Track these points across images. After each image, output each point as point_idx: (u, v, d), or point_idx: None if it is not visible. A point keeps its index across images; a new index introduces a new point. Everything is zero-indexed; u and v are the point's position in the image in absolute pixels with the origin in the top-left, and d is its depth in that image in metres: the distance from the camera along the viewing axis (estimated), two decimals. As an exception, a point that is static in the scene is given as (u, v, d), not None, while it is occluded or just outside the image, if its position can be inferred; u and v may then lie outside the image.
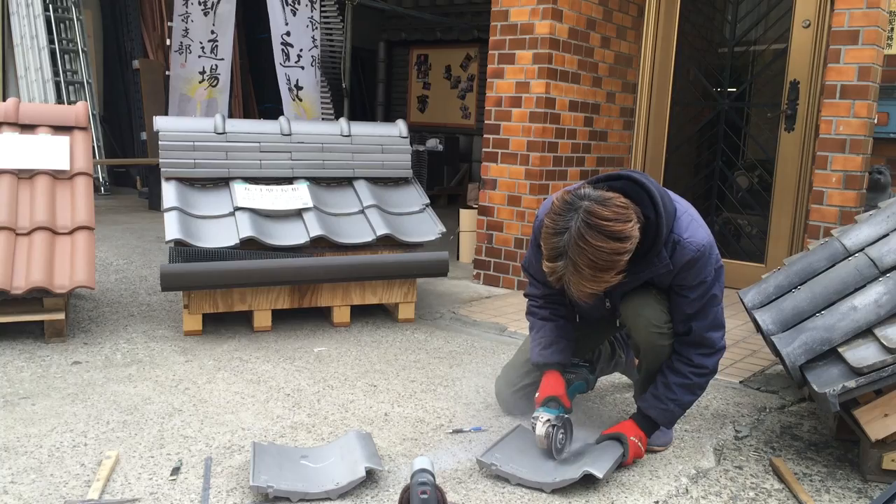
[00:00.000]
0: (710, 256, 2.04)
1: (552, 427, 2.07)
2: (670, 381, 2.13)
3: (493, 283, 4.48)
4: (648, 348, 2.15)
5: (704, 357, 2.13)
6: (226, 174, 3.46)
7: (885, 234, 2.37)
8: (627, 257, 1.85)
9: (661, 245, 1.96)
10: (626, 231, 1.82)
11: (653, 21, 4.83)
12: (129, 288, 3.97)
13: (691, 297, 2.06)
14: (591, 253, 1.80)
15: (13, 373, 2.65)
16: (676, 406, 2.15)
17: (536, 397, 2.21)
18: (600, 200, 1.83)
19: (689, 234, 2.00)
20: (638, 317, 2.12)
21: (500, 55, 4.35)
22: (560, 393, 2.19)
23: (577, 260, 1.81)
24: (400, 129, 3.89)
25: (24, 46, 7.22)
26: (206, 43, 7.01)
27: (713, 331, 2.12)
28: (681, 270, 2.02)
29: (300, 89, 6.71)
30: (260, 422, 2.33)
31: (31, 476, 1.91)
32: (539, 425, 2.09)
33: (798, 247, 4.27)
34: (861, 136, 3.58)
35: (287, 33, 6.58)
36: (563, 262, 1.84)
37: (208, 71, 7.05)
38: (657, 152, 4.91)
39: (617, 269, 1.85)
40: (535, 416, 2.12)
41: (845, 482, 2.11)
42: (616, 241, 1.81)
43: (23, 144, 3.25)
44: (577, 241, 1.81)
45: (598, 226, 1.80)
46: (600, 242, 1.80)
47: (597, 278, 1.84)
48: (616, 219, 1.81)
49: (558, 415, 2.11)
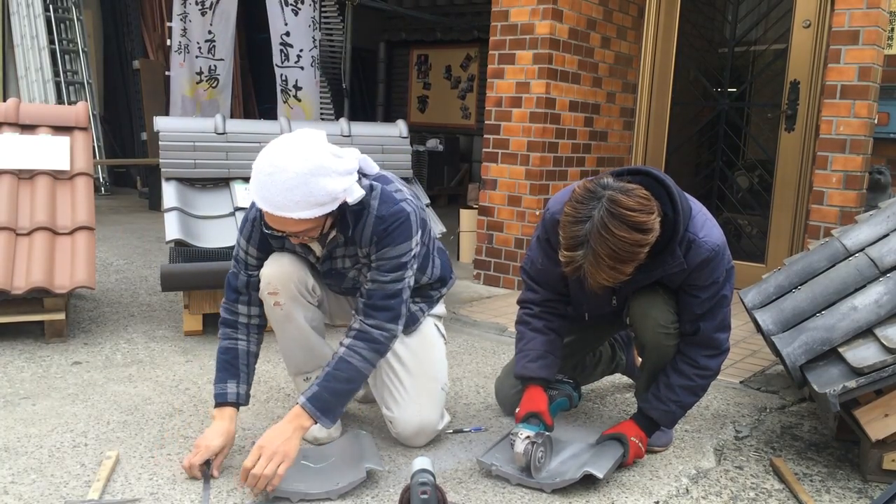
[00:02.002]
0: (724, 257, 2.03)
1: (531, 444, 1.98)
2: (672, 383, 2.12)
3: (494, 283, 4.48)
4: (654, 348, 2.14)
5: (709, 359, 2.12)
6: (226, 174, 3.46)
7: (885, 234, 2.36)
8: (647, 250, 1.82)
9: (676, 243, 1.94)
10: (650, 223, 1.79)
11: (653, 21, 4.83)
12: (129, 288, 3.97)
13: (702, 297, 2.04)
14: (614, 243, 1.76)
15: (14, 373, 2.65)
16: (678, 407, 2.14)
17: (517, 413, 2.12)
18: (624, 190, 1.80)
19: (704, 233, 1.98)
20: (645, 316, 2.11)
21: (501, 55, 4.35)
22: (542, 409, 2.10)
23: (599, 249, 1.77)
24: (400, 129, 3.89)
25: (25, 47, 7.22)
26: (202, 43, 6.99)
27: (720, 332, 2.11)
28: (694, 270, 2.00)
29: (299, 89, 6.70)
30: (260, 422, 2.33)
31: (31, 476, 1.91)
32: (518, 442, 2.00)
33: (798, 247, 4.27)
34: (861, 137, 3.58)
35: (286, 33, 6.56)
36: (584, 252, 1.79)
37: (206, 71, 7.03)
38: (657, 152, 4.91)
39: (636, 262, 1.82)
40: (514, 433, 2.04)
41: (846, 482, 2.11)
42: (639, 232, 1.77)
43: (23, 145, 3.25)
44: (599, 231, 1.76)
45: (622, 215, 1.76)
46: (623, 233, 1.76)
47: (615, 269, 1.80)
48: (640, 209, 1.78)
49: (539, 431, 2.03)
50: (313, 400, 1.91)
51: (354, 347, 1.97)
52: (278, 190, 1.77)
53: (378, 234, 1.97)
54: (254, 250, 2.09)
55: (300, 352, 2.19)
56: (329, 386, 1.93)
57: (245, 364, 2.07)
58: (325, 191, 1.80)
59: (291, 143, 1.82)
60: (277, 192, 1.77)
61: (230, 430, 1.99)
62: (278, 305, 2.08)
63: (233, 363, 2.06)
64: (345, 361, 1.95)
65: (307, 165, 1.78)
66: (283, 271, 2.06)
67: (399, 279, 2.00)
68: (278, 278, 2.06)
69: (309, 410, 1.90)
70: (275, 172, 1.77)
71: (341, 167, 1.84)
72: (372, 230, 1.97)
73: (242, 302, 2.11)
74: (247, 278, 2.10)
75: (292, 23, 6.56)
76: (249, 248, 2.09)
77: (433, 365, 2.23)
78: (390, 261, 1.98)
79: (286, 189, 1.77)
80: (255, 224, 2.07)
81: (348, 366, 1.95)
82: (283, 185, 1.76)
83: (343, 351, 1.97)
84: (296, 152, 1.79)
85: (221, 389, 2.04)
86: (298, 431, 1.90)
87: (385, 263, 1.98)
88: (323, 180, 1.79)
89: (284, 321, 2.11)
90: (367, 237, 1.98)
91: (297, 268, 2.08)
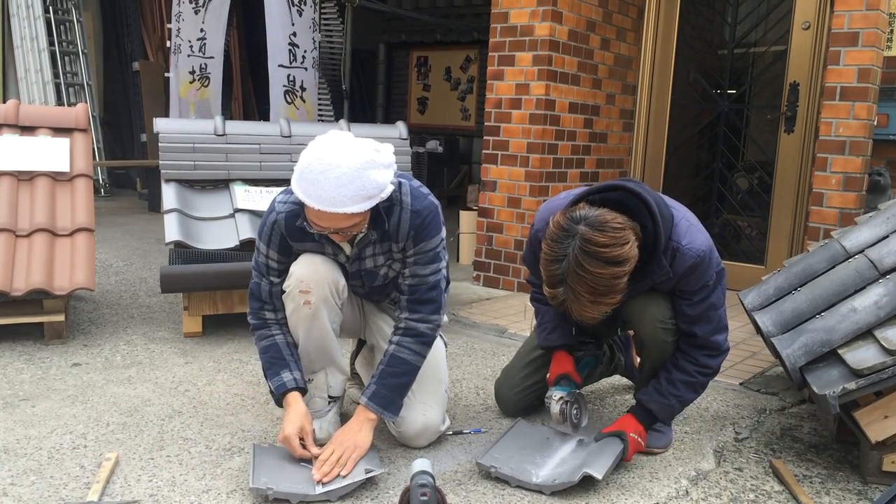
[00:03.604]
0: (711, 261, 2.04)
1: (566, 403, 2.18)
2: (674, 378, 2.14)
3: (493, 284, 4.48)
4: (653, 344, 2.15)
5: (710, 358, 2.15)
6: (226, 176, 3.46)
7: (884, 235, 2.36)
8: (626, 279, 1.86)
9: (661, 254, 1.96)
10: (624, 254, 1.82)
11: (652, 23, 4.84)
12: (128, 290, 3.97)
13: (694, 300, 2.07)
14: (590, 279, 1.80)
15: (13, 374, 2.65)
16: (677, 402, 2.16)
17: (548, 377, 2.29)
18: (596, 225, 1.82)
19: (687, 240, 2.00)
20: (644, 312, 2.13)
21: (500, 57, 4.35)
22: (569, 370, 2.27)
23: (577, 287, 1.82)
24: (400, 130, 3.89)
25: (24, 48, 7.23)
26: (194, 42, 6.94)
27: (718, 334, 2.13)
28: (682, 277, 2.02)
29: (304, 90, 6.69)
30: (260, 423, 2.33)
31: (30, 478, 1.91)
32: (553, 404, 2.19)
33: (798, 248, 4.27)
34: (861, 138, 3.58)
35: (294, 34, 6.55)
36: (563, 289, 1.85)
37: (198, 70, 6.98)
38: (657, 154, 4.91)
39: (617, 292, 1.85)
40: (549, 396, 2.22)
41: (845, 484, 2.11)
42: (615, 265, 1.81)
43: (23, 146, 3.25)
44: (574, 269, 1.81)
45: (595, 253, 1.80)
46: (599, 269, 1.80)
47: (597, 302, 1.85)
48: (613, 243, 1.81)
49: (570, 391, 2.21)
50: (374, 398, 2.04)
51: (404, 343, 2.07)
52: (332, 186, 1.80)
53: (416, 227, 2.02)
54: (275, 254, 2.09)
55: (315, 352, 2.18)
56: (386, 383, 2.05)
57: (289, 353, 2.10)
58: (376, 183, 1.85)
59: (335, 141, 1.86)
60: (331, 188, 1.80)
61: (305, 410, 2.04)
62: (308, 304, 2.07)
63: (278, 356, 2.09)
64: (396, 357, 2.06)
65: (358, 160, 1.82)
66: (317, 271, 2.07)
67: (436, 271, 2.09)
68: (312, 278, 2.06)
69: (372, 408, 2.04)
70: (327, 170, 1.80)
71: (384, 160, 1.90)
72: (409, 224, 2.02)
73: (268, 309, 2.13)
74: (269, 287, 2.11)
75: (297, 23, 6.54)
76: (270, 251, 2.09)
77: (438, 367, 2.27)
78: (427, 254, 2.06)
79: (339, 185, 1.80)
80: (274, 228, 2.06)
81: (400, 361, 2.06)
82: (337, 182, 1.80)
83: (393, 348, 2.07)
84: (343, 149, 1.83)
85: (279, 381, 2.05)
86: (367, 424, 2.03)
87: (423, 257, 2.06)
88: (374, 172, 1.85)
89: (310, 320, 2.11)
90: (405, 232, 2.03)
91: (330, 268, 2.09)
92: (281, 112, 6.46)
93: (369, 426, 2.03)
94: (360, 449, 1.97)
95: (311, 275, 2.06)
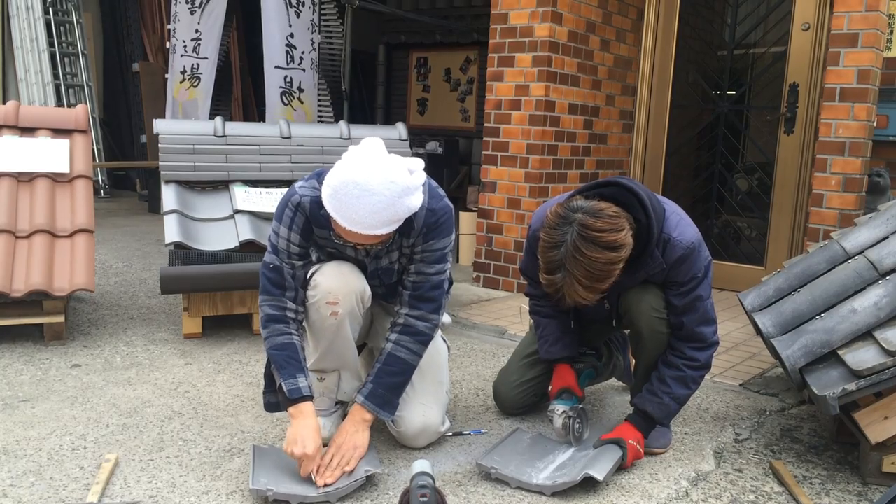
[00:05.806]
0: (700, 252, 2.10)
1: (568, 418, 2.20)
2: (664, 375, 2.17)
3: (493, 285, 4.48)
4: (650, 335, 2.17)
5: (697, 351, 2.16)
6: (225, 177, 3.46)
7: (884, 236, 2.37)
8: (622, 265, 1.92)
9: (654, 245, 2.03)
10: (620, 240, 1.89)
11: (652, 24, 4.84)
12: (128, 291, 3.97)
13: (682, 290, 2.11)
14: (588, 264, 1.86)
15: (13, 376, 2.65)
16: (671, 399, 2.17)
17: (549, 391, 2.33)
18: (593, 212, 1.89)
19: (678, 232, 2.06)
20: (640, 302, 2.16)
21: (500, 58, 4.35)
22: (571, 384, 2.30)
23: (574, 271, 1.88)
24: (400, 131, 3.90)
25: (24, 49, 7.23)
26: (189, 42, 6.92)
27: (704, 325, 2.15)
28: (672, 267, 2.08)
29: (301, 91, 6.68)
30: (259, 425, 2.33)
31: (30, 479, 1.90)
32: (556, 418, 2.22)
33: (798, 249, 4.27)
34: (860, 139, 3.58)
35: (291, 35, 6.54)
36: (561, 275, 1.90)
37: (189, 70, 6.94)
38: (657, 155, 4.91)
39: (611, 278, 1.92)
40: (551, 410, 2.25)
41: (845, 485, 2.11)
42: (611, 251, 1.88)
43: (23, 147, 3.25)
44: (573, 254, 1.87)
45: (593, 237, 1.86)
46: (596, 254, 1.86)
47: (593, 288, 1.91)
48: (610, 229, 1.88)
49: (573, 405, 2.24)
50: (371, 397, 2.04)
51: (401, 342, 2.07)
52: (367, 213, 1.81)
53: (428, 225, 2.03)
54: (297, 237, 2.02)
55: (333, 357, 2.17)
56: (382, 382, 2.05)
57: (304, 358, 2.04)
58: (408, 209, 1.88)
59: (372, 163, 1.82)
60: (366, 214, 1.81)
61: (318, 425, 1.96)
62: (335, 315, 2.06)
63: (294, 357, 2.00)
64: (393, 356, 2.06)
65: (395, 189, 1.82)
66: (346, 282, 2.06)
67: (442, 271, 2.09)
68: (341, 290, 2.05)
69: (369, 408, 2.04)
70: (363, 195, 1.80)
71: (417, 181, 1.90)
72: (423, 221, 2.02)
73: (290, 298, 2.04)
74: (292, 271, 2.04)
75: (295, 24, 6.54)
76: (292, 234, 2.02)
77: (439, 369, 2.28)
78: (434, 253, 2.06)
79: (374, 212, 1.81)
80: (298, 210, 2.00)
81: (397, 360, 2.06)
82: (373, 209, 1.81)
83: (391, 347, 2.07)
84: (381, 174, 1.81)
85: (294, 384, 1.96)
86: (363, 425, 2.03)
87: (430, 255, 2.06)
88: (408, 200, 1.86)
89: (336, 329, 2.09)
90: (418, 228, 2.03)
91: (357, 278, 2.09)
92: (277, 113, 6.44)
93: (365, 426, 2.04)
94: (360, 449, 1.98)
95: (340, 287, 2.05)
